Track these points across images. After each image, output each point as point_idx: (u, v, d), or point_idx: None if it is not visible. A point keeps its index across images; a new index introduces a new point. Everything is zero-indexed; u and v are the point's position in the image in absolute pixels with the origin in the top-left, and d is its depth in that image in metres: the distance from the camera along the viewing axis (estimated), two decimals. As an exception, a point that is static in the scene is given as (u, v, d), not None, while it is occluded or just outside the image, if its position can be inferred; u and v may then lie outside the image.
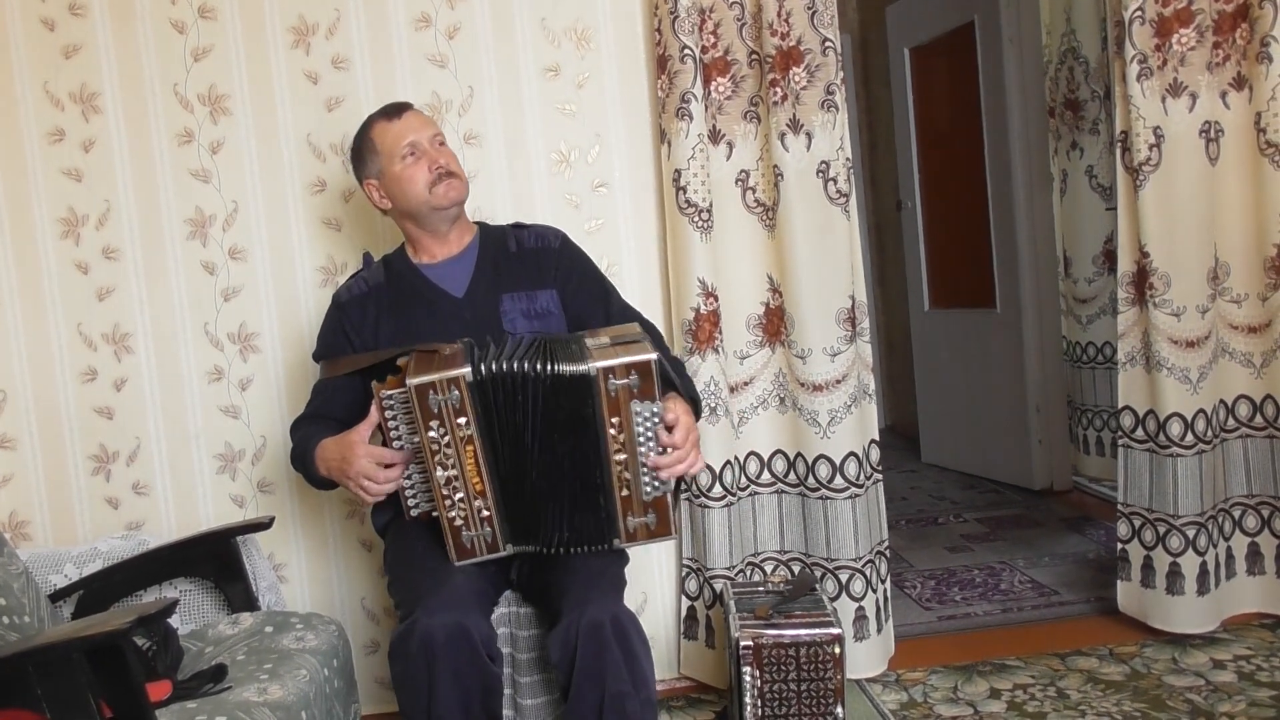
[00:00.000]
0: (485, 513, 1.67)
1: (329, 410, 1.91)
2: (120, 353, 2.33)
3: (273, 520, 2.10)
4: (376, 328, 1.91)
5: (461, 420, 1.63)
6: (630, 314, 1.98)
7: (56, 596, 1.98)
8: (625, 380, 1.61)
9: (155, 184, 2.30)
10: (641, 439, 1.64)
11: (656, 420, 1.65)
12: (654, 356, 1.62)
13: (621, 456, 1.64)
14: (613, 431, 1.63)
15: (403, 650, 1.59)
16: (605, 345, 1.67)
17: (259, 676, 1.67)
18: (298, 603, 2.39)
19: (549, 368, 1.62)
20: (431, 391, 1.62)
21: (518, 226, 2.02)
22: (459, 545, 1.68)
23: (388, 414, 1.69)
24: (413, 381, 1.61)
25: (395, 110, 1.93)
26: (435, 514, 1.69)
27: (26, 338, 2.30)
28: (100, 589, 2.00)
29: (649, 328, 1.97)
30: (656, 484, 1.67)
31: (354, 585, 2.42)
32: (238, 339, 2.34)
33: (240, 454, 2.37)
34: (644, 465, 1.65)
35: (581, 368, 1.61)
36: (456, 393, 1.62)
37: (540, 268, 1.94)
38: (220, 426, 2.36)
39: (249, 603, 2.03)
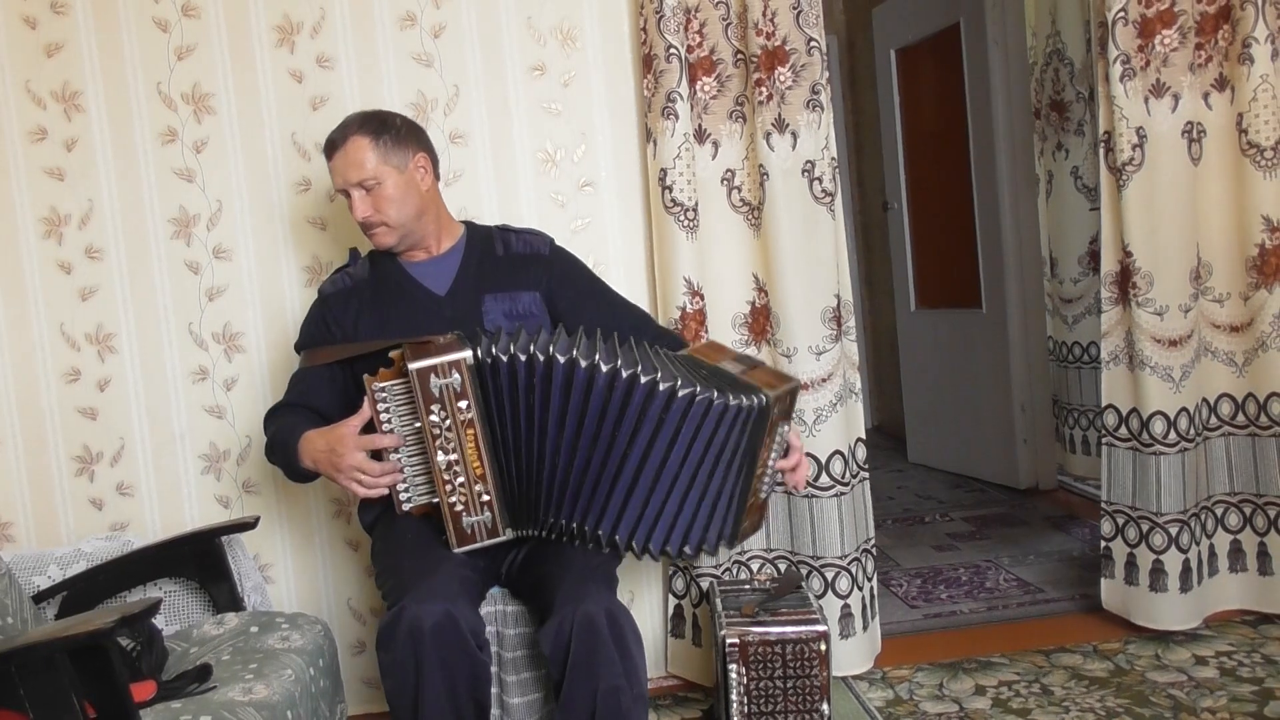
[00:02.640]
0: (485, 497, 1.69)
1: (308, 400, 1.90)
2: (104, 353, 2.32)
3: (258, 520, 2.10)
4: (356, 322, 1.91)
5: (462, 404, 1.66)
6: (633, 311, 2.02)
7: (40, 598, 1.97)
8: (785, 405, 1.71)
9: (138, 183, 2.29)
10: (773, 455, 1.74)
11: (785, 440, 1.76)
12: (799, 382, 1.75)
13: (759, 470, 1.73)
14: (765, 453, 1.73)
15: (390, 638, 1.59)
16: (743, 371, 1.74)
17: (244, 676, 1.67)
18: (283, 602, 2.38)
19: (729, 400, 1.65)
20: (434, 374, 1.64)
21: (505, 229, 2.02)
22: (459, 531, 1.70)
23: (380, 406, 1.69)
24: (414, 365, 1.64)
25: (329, 147, 1.88)
26: (435, 500, 1.71)
27: (9, 338, 2.29)
28: (84, 590, 1.99)
29: (647, 320, 2.03)
30: (767, 490, 1.78)
31: (340, 585, 2.41)
32: (222, 339, 2.33)
33: (225, 454, 2.36)
34: (768, 475, 1.75)
35: (761, 400, 1.67)
36: (457, 376, 1.65)
37: (527, 272, 1.95)
38: (205, 427, 2.35)
39: (234, 603, 2.03)
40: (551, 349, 1.65)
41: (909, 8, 4.21)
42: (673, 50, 2.22)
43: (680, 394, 1.63)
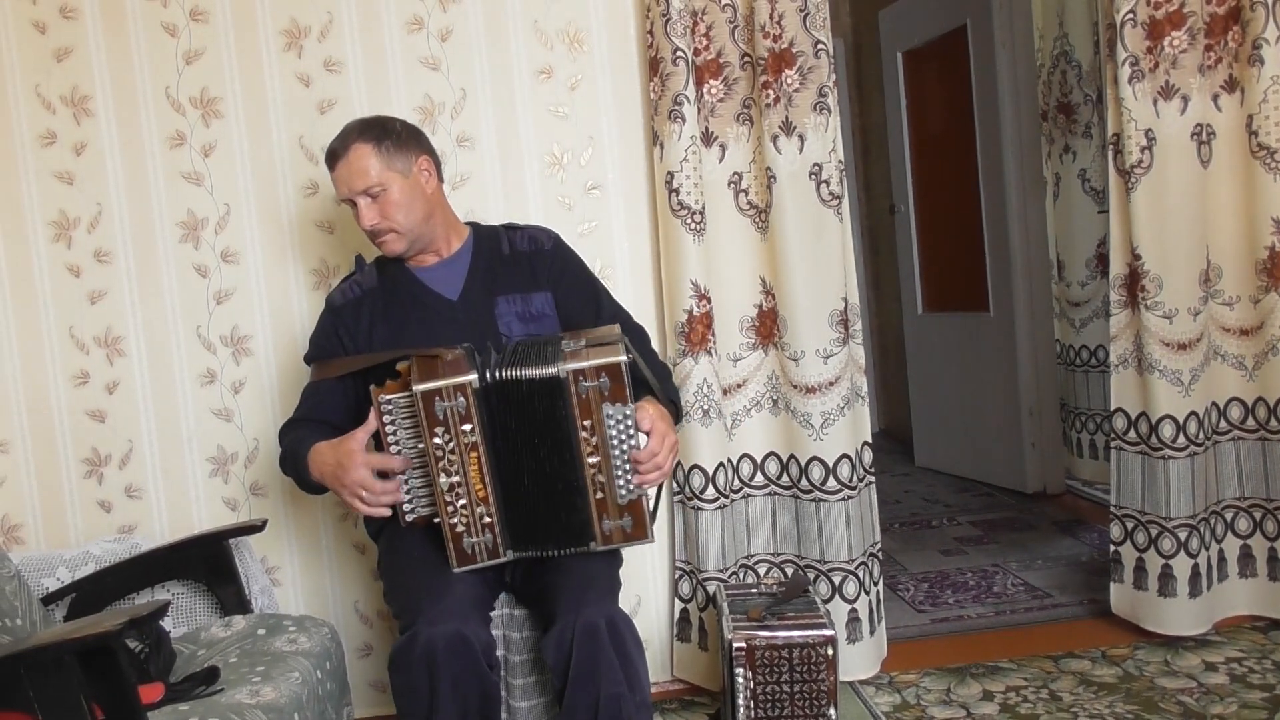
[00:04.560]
0: (487, 519, 1.67)
1: (320, 413, 1.89)
2: (112, 355, 2.32)
3: (265, 523, 2.10)
4: (370, 332, 1.90)
5: (466, 427, 1.63)
6: (621, 316, 1.97)
7: (49, 600, 1.98)
8: (595, 383, 1.62)
9: (147, 187, 2.30)
10: (615, 441, 1.65)
11: (630, 424, 1.65)
12: (623, 358, 1.63)
13: (594, 459, 1.65)
14: (585, 434, 1.64)
15: (404, 661, 1.60)
16: (581, 347, 1.67)
17: (251, 679, 1.67)
18: (290, 605, 2.39)
19: (523, 371, 1.63)
20: (438, 398, 1.62)
21: (510, 228, 2.02)
22: (460, 552, 1.68)
23: (386, 419, 1.68)
24: (419, 388, 1.61)
25: (330, 157, 1.86)
26: (436, 520, 1.69)
27: (18, 341, 2.30)
28: (93, 592, 1.99)
29: (637, 330, 1.98)
30: (632, 487, 1.67)
31: (347, 588, 2.42)
32: (230, 342, 2.34)
33: (233, 457, 2.36)
34: (618, 468, 1.66)
35: (550, 370, 1.62)
36: (463, 399, 1.62)
37: (534, 270, 1.93)
38: (213, 429, 2.35)
39: (241, 605, 2.03)
40: (526, 368, 1.64)
41: (916, 10, 4.20)
42: (679, 53, 2.22)
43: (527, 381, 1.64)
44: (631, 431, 1.65)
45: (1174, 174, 2.34)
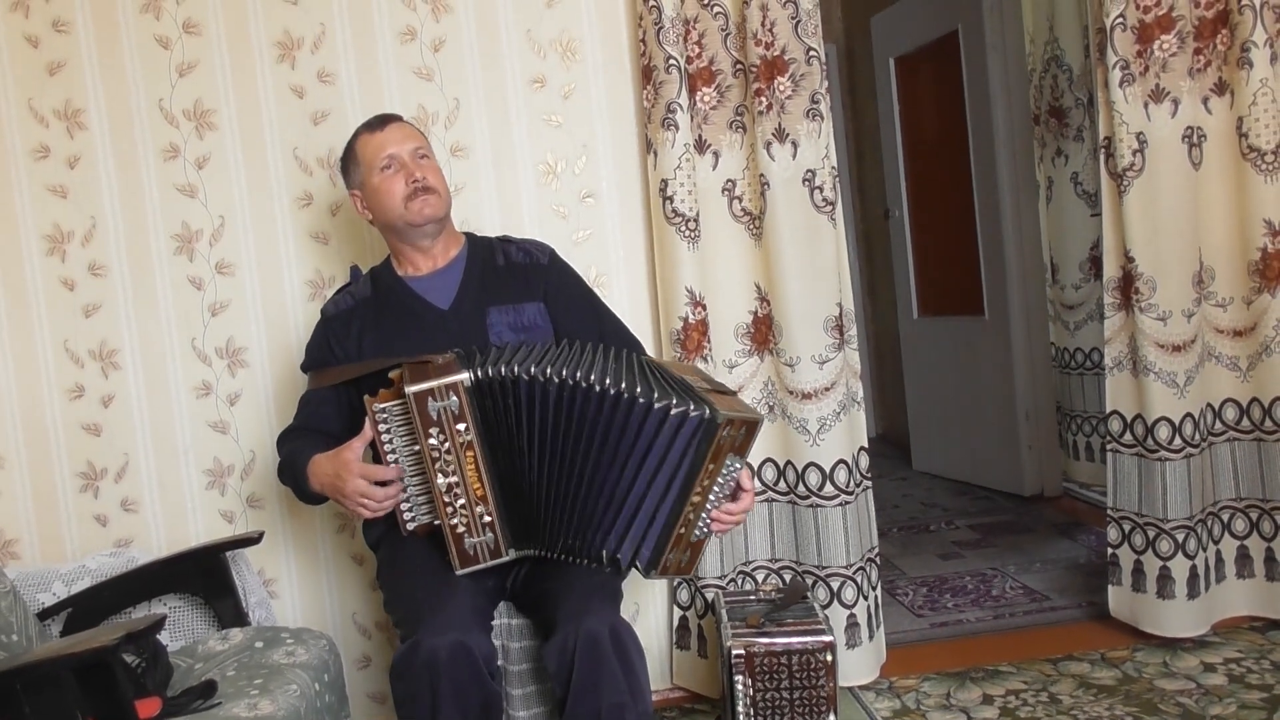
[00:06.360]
0: (487, 518, 1.68)
1: (316, 422, 1.91)
2: (108, 369, 2.32)
3: (262, 535, 2.09)
4: (360, 341, 1.91)
5: (461, 426, 1.64)
6: (624, 334, 2.00)
7: (45, 615, 1.97)
8: (737, 432, 1.63)
9: (141, 199, 2.30)
10: (717, 487, 1.67)
11: (735, 477, 1.69)
12: (763, 418, 1.68)
13: (697, 499, 1.66)
14: (704, 475, 1.65)
15: (406, 670, 1.59)
16: (705, 389, 1.69)
17: (249, 692, 1.67)
18: (288, 618, 2.38)
19: (671, 403, 1.62)
20: (430, 398, 1.63)
21: (505, 240, 2.03)
22: (462, 552, 1.68)
23: (381, 427, 1.69)
24: (411, 389, 1.62)
25: (379, 122, 1.94)
26: (436, 523, 1.69)
27: (13, 355, 2.30)
28: (89, 606, 1.99)
29: (634, 343, 2.00)
30: (704, 529, 1.70)
31: (345, 599, 2.41)
32: (226, 354, 2.34)
33: (229, 469, 2.36)
34: (706, 511, 1.68)
35: (698, 411, 1.62)
36: (455, 399, 1.63)
37: (528, 281, 1.95)
38: (209, 442, 2.35)
39: (239, 618, 2.02)
40: (549, 368, 1.65)
41: (908, 15, 4.22)
42: (672, 61, 2.23)
43: (642, 403, 1.62)
44: (733, 483, 1.70)
45: (1166, 177, 2.35)
